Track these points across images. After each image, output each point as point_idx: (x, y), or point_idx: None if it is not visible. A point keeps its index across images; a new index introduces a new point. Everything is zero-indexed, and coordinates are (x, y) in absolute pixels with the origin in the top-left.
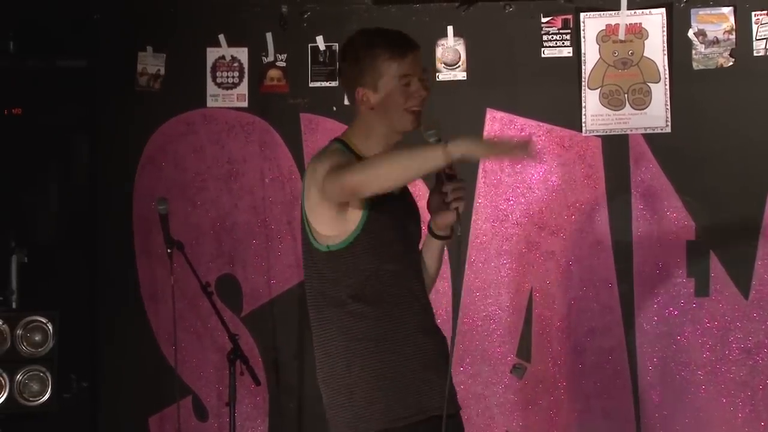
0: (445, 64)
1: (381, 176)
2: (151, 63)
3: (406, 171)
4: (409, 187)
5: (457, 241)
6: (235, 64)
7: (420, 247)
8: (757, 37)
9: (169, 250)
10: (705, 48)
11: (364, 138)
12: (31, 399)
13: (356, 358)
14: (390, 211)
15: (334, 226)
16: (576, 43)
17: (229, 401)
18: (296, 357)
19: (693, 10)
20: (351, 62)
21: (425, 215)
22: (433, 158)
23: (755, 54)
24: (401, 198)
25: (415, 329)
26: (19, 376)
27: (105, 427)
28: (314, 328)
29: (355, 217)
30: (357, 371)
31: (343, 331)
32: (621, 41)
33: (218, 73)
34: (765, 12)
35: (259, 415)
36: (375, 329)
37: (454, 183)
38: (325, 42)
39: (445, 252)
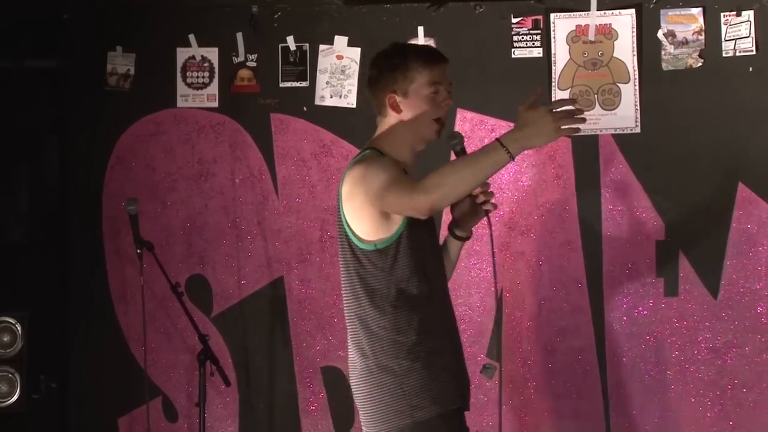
0: None
1: (457, 186)
2: (121, 63)
3: (477, 177)
4: None
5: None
6: (206, 64)
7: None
8: (726, 38)
9: (138, 251)
10: (674, 49)
11: (392, 145)
12: None
13: (403, 350)
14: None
15: (377, 229)
16: (546, 44)
17: (199, 402)
18: (266, 357)
19: (662, 11)
20: (384, 69)
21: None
22: (499, 161)
23: (724, 55)
24: None
25: (447, 325)
26: None
27: (74, 428)
28: (356, 325)
29: (397, 218)
30: (407, 363)
31: (389, 325)
32: (591, 42)
33: (188, 73)
34: (734, 13)
35: (229, 416)
36: (417, 323)
37: (481, 186)
38: (295, 42)
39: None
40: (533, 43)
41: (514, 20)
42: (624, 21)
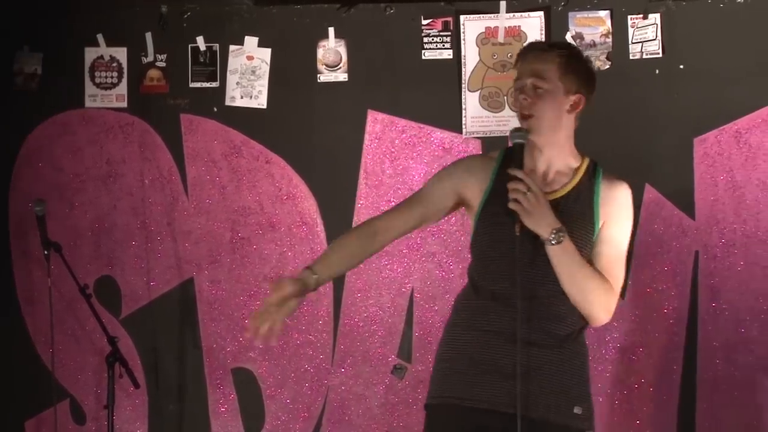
0: (326, 65)
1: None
2: (28, 63)
3: None
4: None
5: (517, 241)
6: (114, 64)
7: None
8: (633, 41)
9: (46, 252)
10: (582, 51)
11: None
12: None
13: (445, 340)
14: (501, 216)
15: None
16: (456, 46)
17: (108, 404)
18: (176, 359)
19: (570, 14)
20: None
21: None
22: None
23: (631, 57)
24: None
25: (480, 335)
26: None
27: None
28: None
29: (472, 214)
30: (440, 351)
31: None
32: (500, 44)
33: (96, 73)
34: (641, 16)
35: (138, 418)
36: (452, 321)
37: (511, 183)
38: (205, 42)
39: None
40: (443, 45)
41: (424, 22)
42: (533, 23)
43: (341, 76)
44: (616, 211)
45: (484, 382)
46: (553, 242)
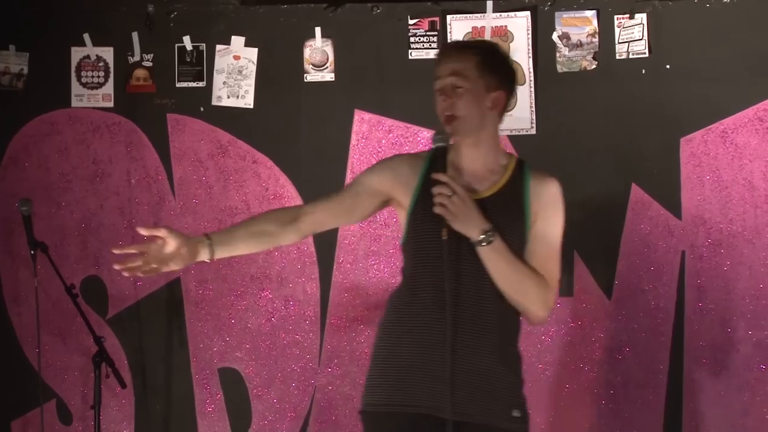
0: (313, 65)
1: None
2: (14, 62)
3: None
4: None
5: (444, 246)
6: (101, 64)
7: None
8: (620, 41)
9: (32, 252)
10: (569, 51)
11: None
12: None
13: (378, 343)
14: (430, 219)
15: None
16: (443, 45)
17: (94, 404)
18: (163, 359)
19: (557, 14)
20: None
21: None
22: None
23: (617, 57)
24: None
25: (424, 336)
26: None
27: None
28: None
29: (402, 217)
30: (374, 354)
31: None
32: None
33: (83, 73)
34: (627, 16)
35: (125, 418)
36: (393, 321)
37: (435, 188)
38: (192, 42)
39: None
40: (430, 45)
41: (411, 22)
42: (519, 23)
43: (328, 75)
44: (548, 207)
45: (419, 384)
46: (483, 243)
